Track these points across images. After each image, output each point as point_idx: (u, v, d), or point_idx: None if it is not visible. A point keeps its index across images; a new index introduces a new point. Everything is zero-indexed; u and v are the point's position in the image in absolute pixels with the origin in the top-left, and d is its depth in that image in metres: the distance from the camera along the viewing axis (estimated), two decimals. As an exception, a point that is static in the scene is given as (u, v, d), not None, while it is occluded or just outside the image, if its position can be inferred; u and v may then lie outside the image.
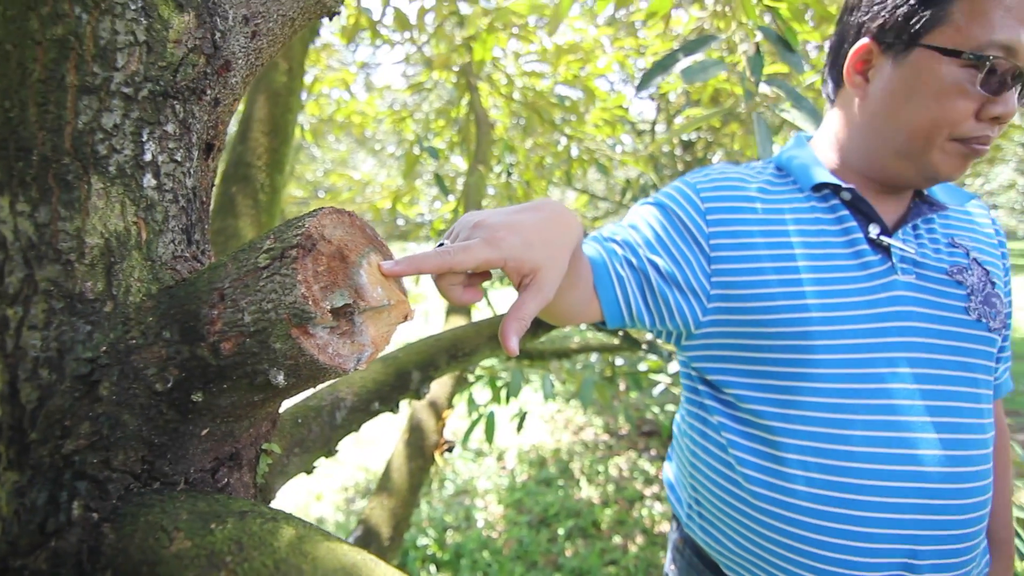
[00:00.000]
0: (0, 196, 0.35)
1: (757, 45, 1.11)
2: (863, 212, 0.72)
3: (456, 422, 4.09)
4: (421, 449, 1.15)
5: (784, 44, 1.06)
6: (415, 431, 1.18)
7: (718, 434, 0.77)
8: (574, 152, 2.94)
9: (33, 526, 0.35)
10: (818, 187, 0.74)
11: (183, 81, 0.41)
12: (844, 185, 0.71)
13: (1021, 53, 0.60)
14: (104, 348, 0.36)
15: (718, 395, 0.78)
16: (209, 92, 0.44)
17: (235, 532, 0.31)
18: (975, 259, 0.75)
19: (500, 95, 2.55)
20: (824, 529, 0.67)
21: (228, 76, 0.45)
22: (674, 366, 2.04)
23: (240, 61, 0.46)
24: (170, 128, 0.41)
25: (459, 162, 3.24)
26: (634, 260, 0.73)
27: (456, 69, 2.39)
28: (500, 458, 3.79)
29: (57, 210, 0.36)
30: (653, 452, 3.77)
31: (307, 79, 2.92)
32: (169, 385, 0.36)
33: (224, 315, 0.35)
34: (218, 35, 0.43)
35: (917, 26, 0.64)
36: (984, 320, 0.71)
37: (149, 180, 0.39)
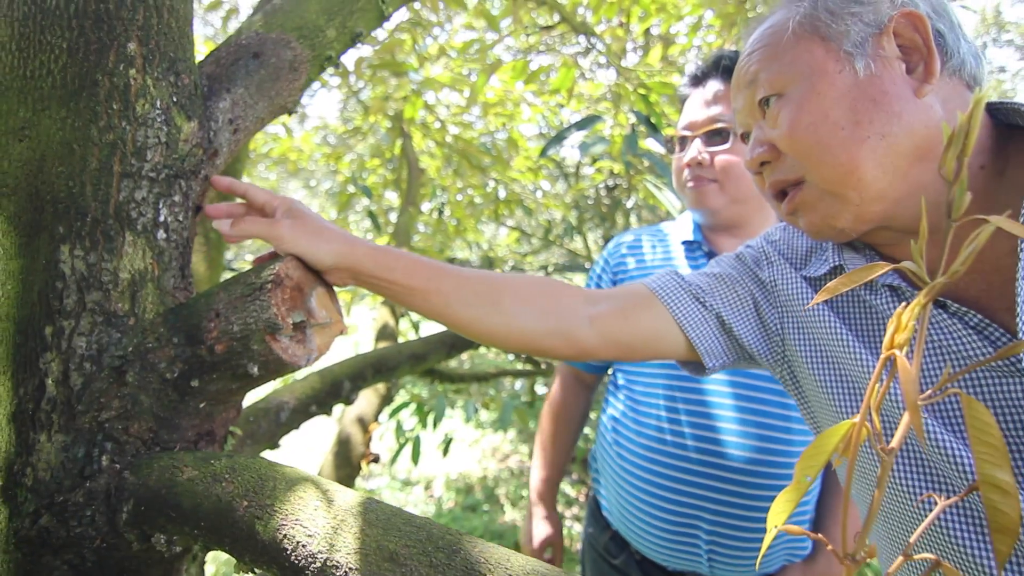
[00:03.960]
0: (63, 244, 0.52)
1: (633, 126, 1.39)
2: None
3: (387, 453, 4.14)
4: (348, 459, 1.31)
5: (651, 125, 1.35)
6: (343, 443, 1.33)
7: (609, 415, 1.08)
8: (501, 194, 3.20)
9: (75, 472, 0.50)
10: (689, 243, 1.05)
11: (187, 166, 0.59)
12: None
13: (694, 126, 0.96)
14: (130, 349, 0.53)
15: (616, 390, 1.08)
16: (203, 171, 0.62)
17: (228, 463, 0.48)
18: None
19: (433, 139, 2.78)
20: (651, 494, 0.95)
21: (216, 159, 0.63)
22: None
23: (224, 149, 0.64)
24: (177, 198, 0.58)
25: (393, 197, 3.41)
26: None
27: (391, 114, 2.60)
28: (428, 487, 3.87)
29: (102, 255, 0.53)
30: (574, 476, 3.99)
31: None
32: (175, 375, 0.53)
33: (219, 326, 0.53)
34: (212, 133, 0.61)
35: None
36: None
37: (161, 234, 0.57)
